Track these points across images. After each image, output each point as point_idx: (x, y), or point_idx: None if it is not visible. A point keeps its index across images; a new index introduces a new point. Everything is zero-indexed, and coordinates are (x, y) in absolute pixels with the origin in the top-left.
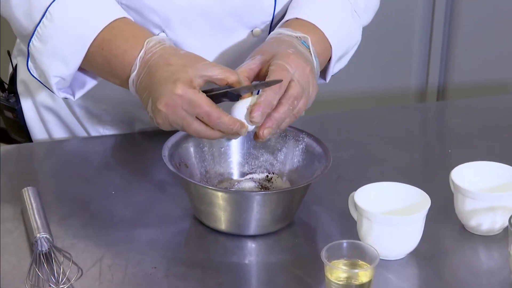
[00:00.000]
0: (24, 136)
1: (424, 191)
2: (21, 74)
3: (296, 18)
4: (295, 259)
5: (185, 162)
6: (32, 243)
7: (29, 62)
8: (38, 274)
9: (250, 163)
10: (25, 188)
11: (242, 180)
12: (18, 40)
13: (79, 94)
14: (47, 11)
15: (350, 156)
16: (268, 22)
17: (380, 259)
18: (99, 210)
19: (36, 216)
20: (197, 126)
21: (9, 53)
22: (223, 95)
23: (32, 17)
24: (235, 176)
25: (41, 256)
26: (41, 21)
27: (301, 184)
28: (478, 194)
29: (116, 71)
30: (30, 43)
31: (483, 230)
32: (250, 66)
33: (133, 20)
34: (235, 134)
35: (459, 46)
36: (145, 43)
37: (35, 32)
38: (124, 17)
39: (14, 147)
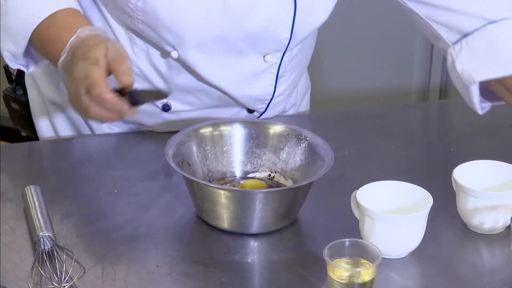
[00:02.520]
0: (30, 128)
1: (426, 190)
2: None
3: None
4: (298, 258)
5: (187, 160)
6: (34, 241)
7: None
8: (40, 272)
9: (252, 162)
10: (28, 187)
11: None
12: None
13: (32, 68)
14: None
15: (352, 155)
16: (282, 51)
17: (383, 257)
18: (101, 209)
19: (39, 215)
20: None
21: None
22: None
23: None
24: (238, 174)
25: (44, 254)
26: None
27: (304, 183)
28: (480, 193)
29: (50, 56)
30: None
31: (485, 229)
32: None
33: (79, 11)
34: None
35: None
36: (78, 30)
37: None
38: (70, 8)
39: (17, 145)
